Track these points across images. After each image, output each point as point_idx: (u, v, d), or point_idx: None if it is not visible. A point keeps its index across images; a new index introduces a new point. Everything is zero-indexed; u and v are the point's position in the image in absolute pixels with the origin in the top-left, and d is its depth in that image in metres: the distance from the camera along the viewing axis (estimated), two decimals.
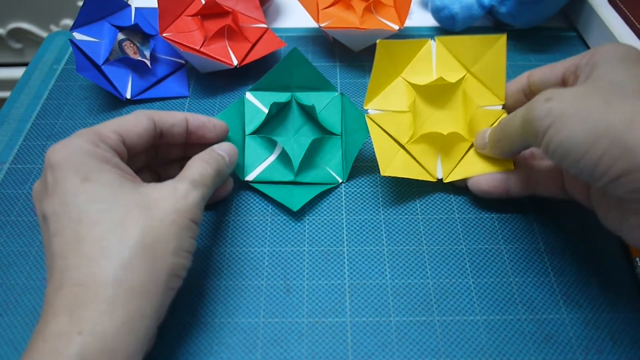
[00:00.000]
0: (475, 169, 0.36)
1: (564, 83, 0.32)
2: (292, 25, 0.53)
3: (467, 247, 0.34)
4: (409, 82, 0.37)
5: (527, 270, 0.33)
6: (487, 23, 0.53)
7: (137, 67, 0.44)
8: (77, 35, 0.44)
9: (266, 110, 0.38)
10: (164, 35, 0.44)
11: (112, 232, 0.24)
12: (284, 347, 0.30)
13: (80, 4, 0.72)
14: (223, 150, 0.32)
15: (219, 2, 0.45)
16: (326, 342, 0.30)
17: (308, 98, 0.39)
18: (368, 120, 0.36)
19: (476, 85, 0.38)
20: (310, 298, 0.32)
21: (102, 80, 0.42)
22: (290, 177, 0.37)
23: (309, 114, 0.39)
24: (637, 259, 0.33)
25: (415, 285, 0.32)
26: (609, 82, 0.26)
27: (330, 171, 0.38)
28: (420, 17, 0.54)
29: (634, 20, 0.46)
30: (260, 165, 0.37)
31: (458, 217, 0.36)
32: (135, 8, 0.47)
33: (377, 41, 0.35)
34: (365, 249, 0.34)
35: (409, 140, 0.36)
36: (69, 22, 1.00)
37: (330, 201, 0.37)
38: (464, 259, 0.34)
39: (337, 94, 0.39)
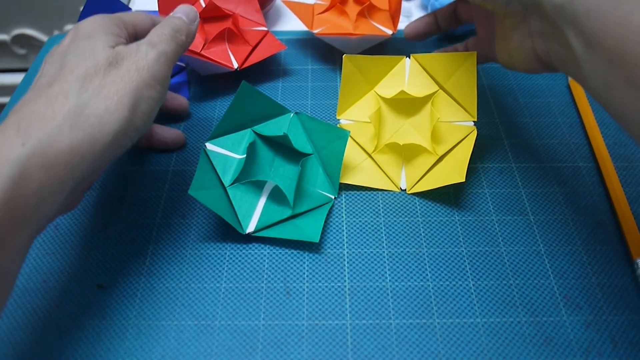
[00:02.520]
0: (437, 182, 0.36)
1: None
2: (292, 28, 0.54)
3: (467, 250, 0.34)
4: (378, 95, 0.39)
5: (527, 273, 0.33)
6: None
7: None
8: None
9: (236, 155, 0.36)
10: None
11: (79, 80, 0.27)
12: (284, 350, 0.30)
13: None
14: (178, 12, 0.34)
15: (219, 5, 0.45)
16: (326, 344, 0.30)
17: (267, 128, 0.37)
18: None
19: (449, 101, 0.39)
20: (310, 300, 0.32)
21: None
22: (288, 212, 0.35)
23: (276, 144, 0.38)
24: (638, 261, 0.32)
25: (415, 288, 0.32)
26: None
27: (320, 191, 0.37)
28: None
29: None
30: (255, 213, 0.35)
31: (458, 220, 0.36)
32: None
33: (344, 56, 0.38)
34: (365, 252, 0.34)
35: (374, 149, 0.38)
36: (72, 27, 1.00)
37: None
38: (464, 261, 0.34)
39: (292, 114, 0.38)
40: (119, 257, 0.34)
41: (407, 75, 0.40)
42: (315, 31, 0.46)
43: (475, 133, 0.37)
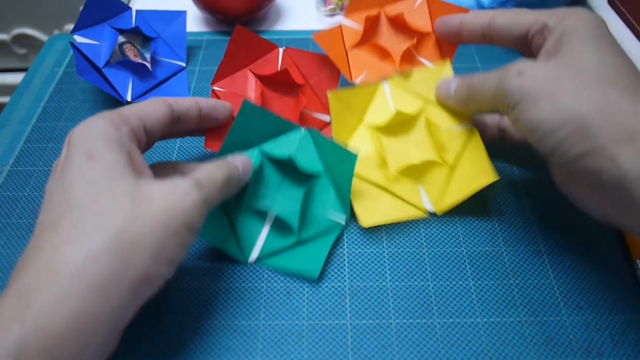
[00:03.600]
0: (463, 192, 0.35)
1: (528, 39, 0.32)
2: (292, 28, 0.53)
3: (467, 249, 0.34)
4: (371, 126, 0.38)
5: (527, 273, 0.33)
6: None
7: (137, 70, 0.44)
8: (78, 38, 0.44)
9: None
10: (214, 87, 0.39)
11: (92, 219, 0.22)
12: (284, 350, 0.30)
13: None
14: (237, 159, 0.31)
15: (295, 66, 0.40)
16: (326, 344, 0.30)
17: (276, 146, 0.35)
18: None
19: (439, 111, 0.37)
20: (310, 300, 0.32)
21: (102, 82, 0.42)
22: (292, 239, 0.33)
23: (284, 165, 0.35)
24: (638, 260, 0.32)
25: (416, 288, 0.32)
26: (580, 65, 0.27)
27: (330, 216, 0.34)
28: None
29: (634, 22, 0.46)
30: (258, 241, 0.34)
31: (458, 219, 0.36)
32: (136, 11, 0.47)
33: (328, 92, 0.36)
34: (365, 251, 0.34)
35: (387, 180, 0.36)
36: (72, 27, 1.00)
37: None
38: (464, 261, 0.34)
39: (303, 131, 0.35)
40: None
41: (390, 99, 0.38)
42: (357, 80, 0.40)
43: (477, 131, 0.37)
